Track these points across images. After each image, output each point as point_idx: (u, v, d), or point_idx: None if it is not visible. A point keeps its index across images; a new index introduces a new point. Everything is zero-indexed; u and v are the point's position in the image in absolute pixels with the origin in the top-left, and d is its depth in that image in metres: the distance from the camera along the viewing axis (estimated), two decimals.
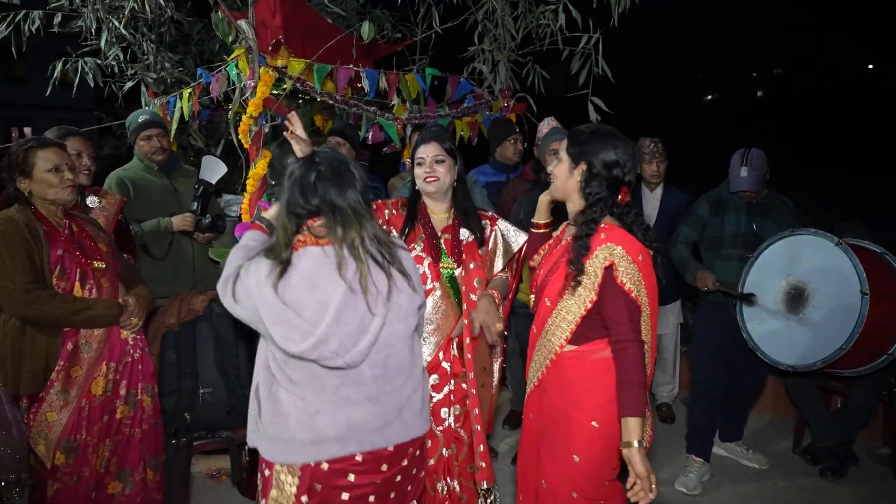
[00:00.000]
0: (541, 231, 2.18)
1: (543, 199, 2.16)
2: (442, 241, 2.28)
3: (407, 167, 4.31)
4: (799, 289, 2.83)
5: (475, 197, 3.12)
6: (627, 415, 1.74)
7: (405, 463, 1.67)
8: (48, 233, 2.17)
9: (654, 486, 1.69)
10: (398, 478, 1.66)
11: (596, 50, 3.58)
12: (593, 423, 1.84)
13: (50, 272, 2.15)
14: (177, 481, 2.60)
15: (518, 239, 2.37)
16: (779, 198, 3.12)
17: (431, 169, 2.23)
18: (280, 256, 1.54)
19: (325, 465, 1.57)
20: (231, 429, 2.72)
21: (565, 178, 1.92)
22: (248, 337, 2.89)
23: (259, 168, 2.99)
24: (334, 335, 1.50)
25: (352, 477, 1.59)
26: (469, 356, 2.20)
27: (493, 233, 2.37)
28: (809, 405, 3.25)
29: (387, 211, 2.31)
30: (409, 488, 1.72)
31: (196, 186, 3.22)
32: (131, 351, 2.31)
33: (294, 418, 1.56)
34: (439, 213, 2.32)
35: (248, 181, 3.01)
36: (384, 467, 1.62)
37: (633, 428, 1.72)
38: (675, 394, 3.96)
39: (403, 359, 1.65)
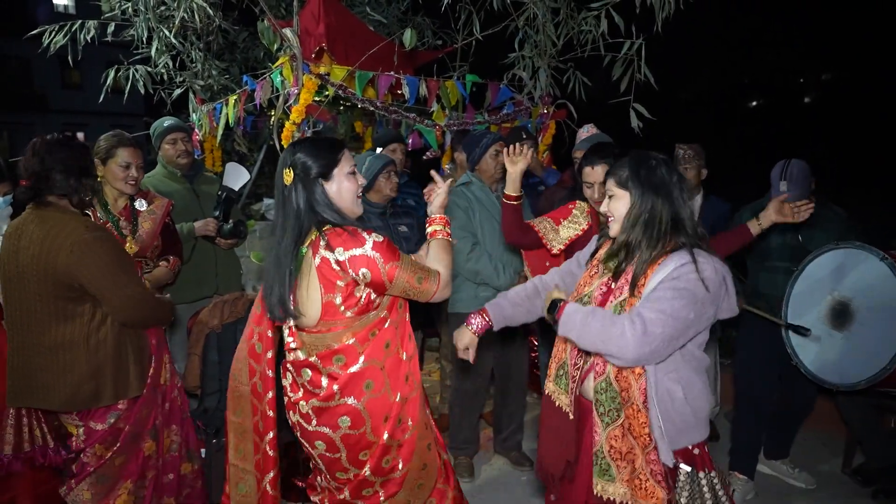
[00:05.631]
0: (513, 203, 2.52)
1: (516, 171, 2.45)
2: None
3: (447, 172, 4.32)
4: (843, 304, 2.73)
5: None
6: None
7: None
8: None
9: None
10: None
11: (639, 56, 3.52)
12: None
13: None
14: (217, 479, 2.64)
15: None
16: (830, 208, 2.99)
17: None
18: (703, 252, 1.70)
19: None
20: None
21: None
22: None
23: None
24: None
25: None
26: None
27: None
28: (862, 423, 3.11)
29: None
30: None
31: (219, 193, 3.23)
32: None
33: (705, 396, 1.74)
34: None
35: None
36: None
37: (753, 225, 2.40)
38: (717, 410, 3.84)
39: None
